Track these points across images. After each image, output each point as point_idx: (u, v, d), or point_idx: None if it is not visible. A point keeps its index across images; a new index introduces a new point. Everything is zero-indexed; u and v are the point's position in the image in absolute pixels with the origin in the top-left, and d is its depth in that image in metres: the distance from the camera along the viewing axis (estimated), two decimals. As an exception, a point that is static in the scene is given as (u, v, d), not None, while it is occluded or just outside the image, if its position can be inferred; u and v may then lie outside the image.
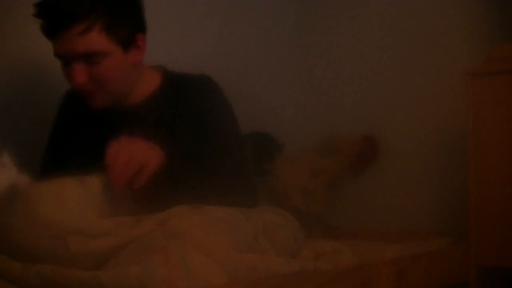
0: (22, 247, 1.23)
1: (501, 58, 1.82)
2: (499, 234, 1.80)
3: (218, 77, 1.67)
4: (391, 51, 2.38)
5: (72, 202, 1.31)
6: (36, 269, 1.18)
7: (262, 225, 1.41)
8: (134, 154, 1.35)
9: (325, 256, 1.53)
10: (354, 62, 2.49)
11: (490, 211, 1.81)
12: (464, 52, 2.15)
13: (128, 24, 1.52)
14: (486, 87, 1.82)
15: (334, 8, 2.55)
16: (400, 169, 2.32)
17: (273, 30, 2.58)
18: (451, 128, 2.17)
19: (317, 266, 1.38)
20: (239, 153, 1.60)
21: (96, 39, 1.46)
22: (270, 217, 1.48)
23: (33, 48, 1.82)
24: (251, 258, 1.23)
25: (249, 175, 1.61)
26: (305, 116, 2.61)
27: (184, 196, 1.38)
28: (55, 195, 1.31)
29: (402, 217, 2.31)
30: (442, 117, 2.23)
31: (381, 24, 2.41)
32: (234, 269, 1.19)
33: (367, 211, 2.41)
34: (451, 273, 1.79)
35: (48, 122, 1.75)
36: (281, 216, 1.57)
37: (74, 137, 1.66)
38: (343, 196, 2.38)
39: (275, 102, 2.55)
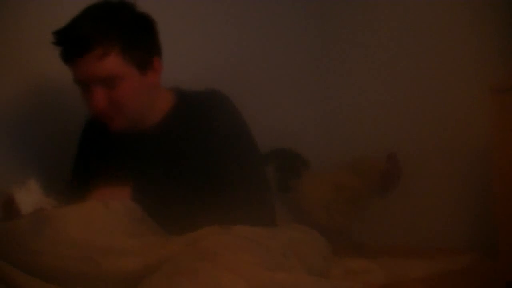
0: (54, 270, 1.24)
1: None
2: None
3: (239, 95, 1.68)
4: (413, 68, 2.37)
5: (99, 224, 1.33)
6: (69, 292, 1.19)
7: (288, 243, 1.40)
8: None
9: (355, 275, 1.52)
10: (375, 77, 2.49)
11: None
12: (487, 67, 2.14)
13: (144, 47, 1.55)
14: (510, 102, 1.81)
15: (356, 25, 2.56)
16: (424, 184, 2.30)
17: (294, 46, 2.58)
18: (476, 143, 2.15)
19: (348, 286, 1.37)
20: (255, 167, 1.60)
21: (113, 63, 1.49)
22: (296, 235, 1.48)
23: (52, 72, 1.85)
24: (282, 277, 1.22)
25: (267, 191, 1.60)
26: (327, 135, 2.61)
27: (204, 214, 1.38)
28: (82, 217, 1.33)
29: (426, 233, 2.28)
30: (466, 132, 2.21)
31: (403, 40, 2.41)
32: None
33: (391, 227, 2.39)
34: (481, 289, 1.77)
35: (72, 146, 1.76)
36: (308, 234, 1.56)
37: (96, 162, 1.68)
38: (366, 212, 2.37)
39: (297, 123, 2.55)
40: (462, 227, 2.21)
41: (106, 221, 1.35)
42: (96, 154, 1.68)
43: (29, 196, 1.38)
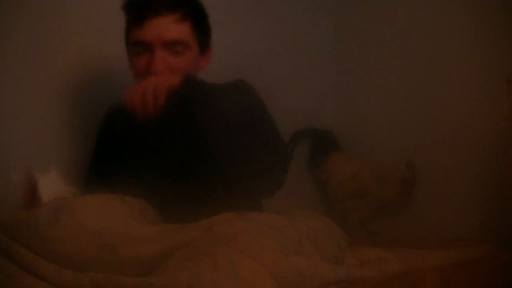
0: (72, 257, 1.26)
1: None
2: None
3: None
4: (428, 60, 2.39)
5: (116, 214, 1.36)
6: (88, 277, 1.21)
7: (306, 231, 1.41)
8: (147, 82, 1.41)
9: (370, 264, 1.53)
10: (390, 69, 2.51)
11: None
12: (504, 59, 2.14)
13: (207, 30, 1.64)
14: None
15: (370, 18, 2.57)
16: (439, 176, 2.30)
17: (309, 39, 2.60)
18: (493, 134, 2.15)
19: (363, 273, 1.38)
20: (274, 124, 1.60)
21: (187, 30, 1.57)
22: (313, 223, 1.48)
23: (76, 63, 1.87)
24: (299, 263, 1.23)
25: (282, 139, 1.61)
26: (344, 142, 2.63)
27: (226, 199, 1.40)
28: (100, 207, 1.35)
29: (442, 224, 2.29)
30: (483, 124, 2.21)
31: (417, 32, 2.42)
32: (281, 274, 1.19)
33: (408, 218, 2.40)
34: (496, 279, 1.77)
35: (92, 135, 1.79)
36: (324, 222, 1.57)
37: (115, 151, 1.70)
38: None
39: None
40: (477, 219, 2.22)
41: (123, 212, 1.37)
42: (115, 143, 1.70)
43: (51, 184, 1.40)
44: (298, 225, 1.42)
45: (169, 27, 1.54)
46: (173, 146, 1.61)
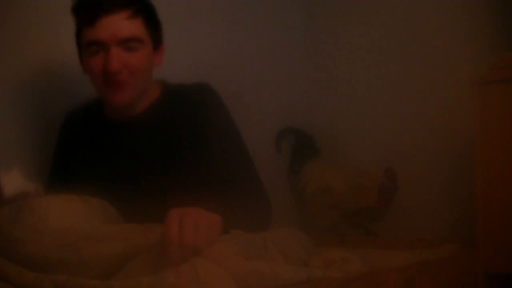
0: (35, 258, 1.25)
1: (506, 65, 1.83)
2: (508, 240, 1.80)
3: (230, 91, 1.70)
4: (398, 62, 2.41)
5: (79, 214, 1.35)
6: (50, 278, 1.20)
7: (270, 236, 1.42)
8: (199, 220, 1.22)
9: (335, 265, 1.54)
10: (361, 69, 2.53)
11: (498, 217, 1.82)
12: (468, 61, 2.17)
13: (158, 27, 1.64)
14: (492, 95, 1.83)
15: (343, 20, 2.58)
16: (408, 176, 2.33)
17: (284, 41, 2.60)
18: (458, 136, 2.18)
19: (326, 274, 1.39)
20: (240, 162, 1.60)
21: (140, 26, 1.56)
22: (278, 230, 1.49)
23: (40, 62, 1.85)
24: (260, 266, 1.24)
25: (259, 180, 1.61)
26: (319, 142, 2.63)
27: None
28: (62, 207, 1.34)
29: (411, 224, 2.32)
30: (449, 125, 2.24)
31: (388, 35, 2.45)
32: (243, 277, 1.20)
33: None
34: (459, 279, 1.80)
35: (53, 134, 1.77)
36: (288, 229, 1.57)
37: (76, 153, 1.69)
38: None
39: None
40: (446, 218, 2.25)
41: (85, 212, 1.36)
42: (76, 147, 1.70)
43: (13, 183, 1.40)
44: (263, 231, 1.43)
45: (122, 24, 1.53)
46: (139, 153, 1.61)
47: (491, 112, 1.84)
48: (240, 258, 1.24)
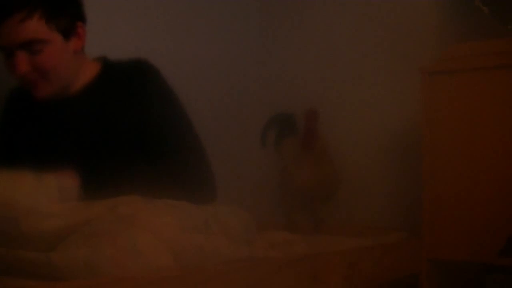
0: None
1: (455, 57, 1.88)
2: (451, 229, 1.85)
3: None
4: (346, 50, 2.45)
5: (26, 189, 1.34)
6: (-11, 250, 1.20)
7: (213, 212, 1.43)
8: None
9: (278, 246, 1.56)
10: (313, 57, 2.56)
11: (442, 206, 1.86)
12: (418, 52, 2.21)
13: (67, 12, 1.55)
14: (441, 85, 1.88)
15: (294, 16, 2.61)
16: (358, 165, 2.36)
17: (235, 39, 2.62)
18: (406, 126, 2.22)
19: (268, 254, 1.41)
20: (183, 136, 1.60)
21: (35, 27, 1.49)
22: (221, 208, 1.51)
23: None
24: (199, 239, 1.25)
25: (202, 161, 1.60)
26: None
27: (126, 184, 1.40)
28: (8, 181, 1.33)
29: (360, 213, 2.35)
30: (397, 115, 2.28)
31: (338, 26, 2.49)
32: (181, 249, 1.21)
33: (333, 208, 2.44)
34: (403, 265, 1.84)
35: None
36: (232, 208, 1.58)
37: (20, 131, 1.68)
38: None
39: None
40: (396, 207, 2.29)
41: (33, 188, 1.35)
42: (19, 124, 1.68)
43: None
44: (206, 207, 1.44)
45: (18, 28, 1.47)
46: (78, 130, 1.60)
47: (439, 102, 1.88)
48: (178, 231, 1.24)
